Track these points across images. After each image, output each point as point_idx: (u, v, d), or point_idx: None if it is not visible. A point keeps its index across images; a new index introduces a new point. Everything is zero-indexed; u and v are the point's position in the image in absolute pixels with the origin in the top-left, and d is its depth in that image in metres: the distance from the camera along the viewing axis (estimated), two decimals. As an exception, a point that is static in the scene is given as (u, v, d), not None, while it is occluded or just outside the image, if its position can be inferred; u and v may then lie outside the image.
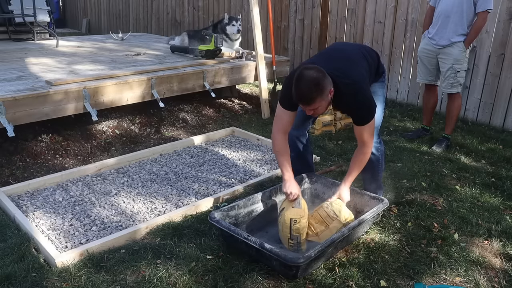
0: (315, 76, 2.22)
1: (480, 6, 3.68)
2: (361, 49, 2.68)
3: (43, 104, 3.44)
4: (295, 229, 2.41)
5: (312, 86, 2.22)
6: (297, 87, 2.26)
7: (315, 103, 2.26)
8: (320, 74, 2.24)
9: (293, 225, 2.40)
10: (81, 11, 11.80)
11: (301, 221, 2.42)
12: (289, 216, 2.42)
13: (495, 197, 3.14)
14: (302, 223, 2.43)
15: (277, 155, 2.62)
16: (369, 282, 2.25)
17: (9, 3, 5.98)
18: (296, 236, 2.43)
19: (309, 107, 2.30)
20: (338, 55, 2.59)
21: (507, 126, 4.65)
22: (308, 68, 2.28)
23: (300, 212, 2.43)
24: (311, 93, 2.22)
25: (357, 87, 2.40)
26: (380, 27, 5.60)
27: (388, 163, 3.64)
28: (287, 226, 2.42)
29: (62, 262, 2.27)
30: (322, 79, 2.24)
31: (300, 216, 2.42)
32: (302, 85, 2.23)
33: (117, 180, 3.31)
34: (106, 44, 6.00)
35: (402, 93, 5.56)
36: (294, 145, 2.88)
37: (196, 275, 2.24)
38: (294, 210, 2.44)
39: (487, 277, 2.32)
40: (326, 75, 2.27)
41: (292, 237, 2.43)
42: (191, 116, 4.71)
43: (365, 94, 2.42)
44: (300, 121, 2.84)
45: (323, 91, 2.24)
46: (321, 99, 2.26)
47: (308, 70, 2.26)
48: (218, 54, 4.97)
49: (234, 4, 7.55)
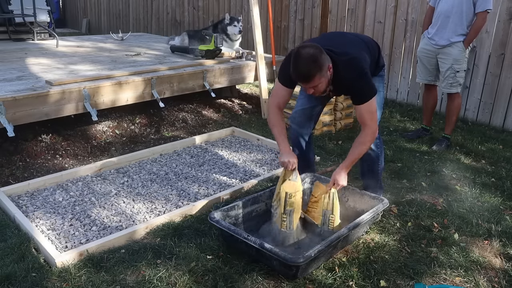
0: (312, 53, 2.23)
1: (479, 6, 3.68)
2: (363, 37, 2.70)
3: (43, 104, 3.44)
4: (289, 203, 2.40)
5: (310, 63, 2.22)
6: (295, 66, 2.27)
7: (314, 80, 2.26)
8: (317, 51, 2.25)
9: (288, 199, 2.39)
10: (81, 11, 11.80)
11: (296, 195, 2.39)
12: (284, 189, 2.41)
13: (495, 197, 3.14)
14: (297, 198, 2.40)
15: (272, 128, 2.65)
16: (369, 282, 2.25)
17: (9, 3, 5.98)
18: (290, 210, 2.41)
19: (308, 84, 2.30)
20: (338, 38, 2.63)
21: (507, 126, 4.65)
22: (305, 46, 2.29)
23: (296, 186, 2.41)
24: (309, 71, 2.23)
25: (355, 62, 2.39)
26: (380, 27, 5.60)
27: (388, 163, 3.64)
28: (282, 199, 2.41)
29: (62, 262, 2.27)
30: (319, 55, 2.24)
31: (295, 190, 2.39)
32: (300, 63, 2.24)
33: (117, 180, 3.31)
34: (106, 44, 6.00)
35: (402, 93, 5.57)
36: (297, 142, 2.90)
37: (196, 275, 2.24)
38: (290, 184, 2.42)
39: (487, 277, 2.32)
40: (323, 51, 2.28)
41: (286, 211, 2.42)
42: (191, 116, 4.71)
43: (364, 70, 2.40)
44: (305, 119, 2.86)
45: (322, 68, 2.25)
46: (320, 75, 2.26)
47: (305, 48, 2.27)
48: (218, 54, 4.97)
49: (234, 4, 7.56)
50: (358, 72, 2.39)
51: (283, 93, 2.60)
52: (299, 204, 2.47)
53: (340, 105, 4.51)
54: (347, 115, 4.59)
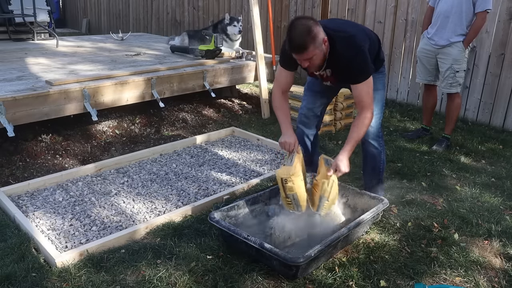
0: (306, 24, 2.25)
1: (479, 6, 3.68)
2: (364, 27, 2.72)
3: (43, 104, 3.44)
4: (288, 188, 2.39)
5: (304, 33, 2.23)
6: (289, 37, 2.28)
7: (308, 51, 2.27)
8: (312, 22, 2.27)
9: (285, 184, 2.38)
10: (81, 11, 11.80)
11: (293, 179, 2.37)
12: (279, 175, 2.40)
13: (495, 197, 3.14)
14: (296, 182, 2.38)
15: (276, 111, 2.68)
16: (369, 282, 2.25)
17: (9, 3, 5.98)
18: (291, 194, 2.41)
19: (303, 56, 2.30)
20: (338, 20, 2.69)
21: (507, 126, 4.65)
22: (300, 17, 2.32)
23: (290, 170, 2.38)
24: (303, 40, 2.24)
25: (353, 40, 2.40)
26: (380, 27, 5.60)
27: (388, 163, 3.63)
28: (280, 186, 2.41)
29: (62, 262, 2.27)
30: (314, 26, 2.26)
31: (290, 174, 2.37)
32: (294, 34, 2.26)
33: (117, 180, 3.31)
34: (106, 44, 6.00)
35: (402, 93, 5.57)
36: (303, 143, 2.92)
37: (196, 275, 2.24)
38: (284, 169, 2.40)
39: (487, 277, 2.32)
40: (318, 24, 2.30)
41: (288, 195, 2.42)
42: (191, 116, 4.71)
43: (362, 48, 2.40)
44: (310, 119, 2.88)
45: (315, 39, 2.26)
46: (314, 47, 2.27)
47: (300, 19, 2.29)
48: (218, 54, 4.97)
49: (234, 4, 7.56)
50: (356, 49, 2.39)
51: (285, 76, 2.64)
52: (301, 187, 2.43)
53: (340, 105, 4.52)
54: (347, 115, 4.59)
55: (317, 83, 2.82)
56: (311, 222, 2.56)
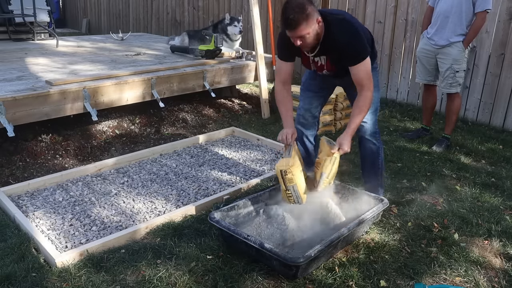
0: (300, 2, 2.29)
1: (479, 6, 3.68)
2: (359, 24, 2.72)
3: (43, 104, 3.44)
4: (288, 179, 2.39)
5: (297, 10, 2.27)
6: (283, 14, 2.32)
7: (300, 28, 2.29)
8: (306, 1, 2.30)
9: (285, 176, 2.39)
10: (81, 11, 11.80)
11: (292, 170, 2.38)
12: (279, 167, 2.40)
13: (495, 197, 3.14)
14: (295, 173, 2.39)
15: (278, 105, 2.72)
16: (369, 282, 2.25)
17: (9, 3, 5.98)
18: (292, 186, 2.41)
19: (295, 33, 2.32)
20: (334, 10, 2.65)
21: (507, 126, 4.65)
22: None
23: (288, 162, 2.39)
24: (295, 17, 2.27)
25: (348, 24, 2.44)
26: (380, 27, 5.60)
27: (388, 163, 3.64)
28: (280, 178, 2.42)
29: (62, 262, 2.27)
30: (307, 4, 2.29)
31: (289, 166, 2.38)
32: (287, 10, 2.29)
33: (117, 180, 3.31)
34: (106, 44, 6.00)
35: (402, 93, 5.57)
36: (302, 143, 2.95)
37: (196, 275, 2.24)
38: (283, 161, 2.41)
39: (487, 277, 2.32)
40: (313, 4, 2.34)
41: (288, 187, 2.42)
42: (191, 116, 4.71)
43: (357, 30, 2.43)
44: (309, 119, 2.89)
45: (309, 16, 2.28)
46: (307, 25, 2.29)
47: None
48: (218, 54, 4.97)
49: (234, 4, 7.56)
50: (351, 32, 2.43)
51: (285, 68, 2.67)
52: (300, 178, 2.44)
53: (340, 105, 4.52)
54: (347, 115, 4.59)
55: (313, 83, 2.84)
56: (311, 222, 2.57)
